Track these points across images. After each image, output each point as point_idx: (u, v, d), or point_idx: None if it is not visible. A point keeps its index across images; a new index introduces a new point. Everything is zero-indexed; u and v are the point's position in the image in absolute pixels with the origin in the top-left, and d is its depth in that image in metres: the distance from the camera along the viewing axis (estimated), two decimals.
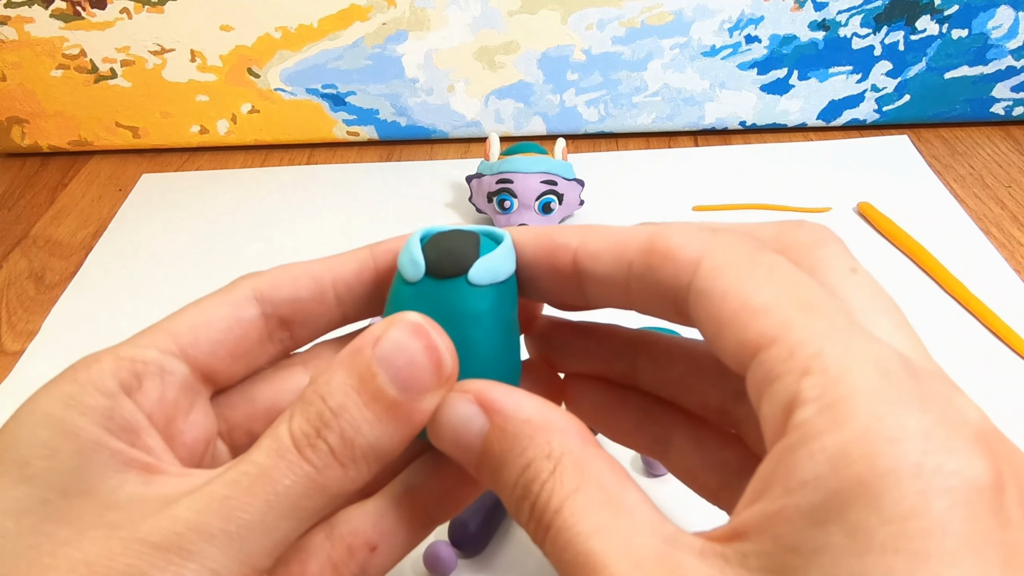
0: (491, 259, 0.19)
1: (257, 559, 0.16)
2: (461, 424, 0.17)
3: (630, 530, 0.15)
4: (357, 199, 0.50)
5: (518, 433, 0.17)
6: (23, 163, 0.57)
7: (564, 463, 0.16)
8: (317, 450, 0.16)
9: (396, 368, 0.16)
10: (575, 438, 0.16)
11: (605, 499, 0.15)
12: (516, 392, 0.17)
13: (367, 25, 0.50)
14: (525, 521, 0.16)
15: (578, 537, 0.15)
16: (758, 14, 0.49)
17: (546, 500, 0.16)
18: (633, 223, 0.19)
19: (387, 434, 0.16)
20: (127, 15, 0.50)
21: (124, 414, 0.17)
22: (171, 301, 0.43)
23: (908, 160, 0.50)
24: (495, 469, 0.17)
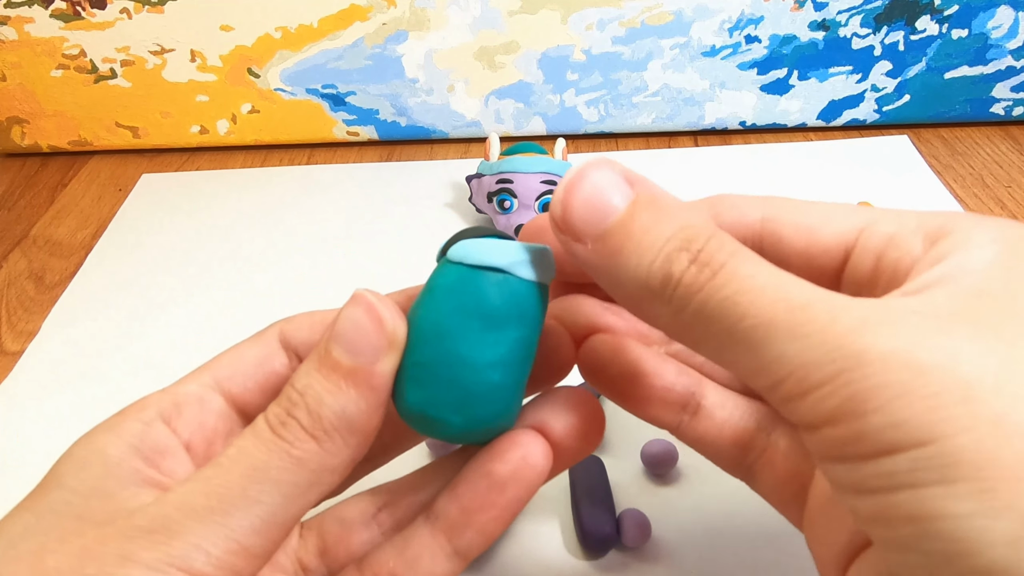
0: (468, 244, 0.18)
1: (242, 534, 0.16)
2: (603, 186, 0.17)
3: (805, 285, 0.15)
4: (357, 199, 0.50)
5: (669, 206, 0.17)
6: (23, 163, 0.57)
7: (722, 234, 0.16)
8: (288, 427, 0.17)
9: (346, 338, 0.18)
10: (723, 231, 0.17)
11: (769, 264, 0.16)
12: (655, 184, 0.18)
13: (367, 25, 0.50)
14: (681, 268, 0.15)
15: (765, 270, 0.15)
16: (758, 14, 0.49)
17: (716, 248, 0.15)
18: None
19: (351, 401, 0.17)
20: (127, 15, 0.50)
21: (156, 438, 0.18)
22: (171, 301, 0.43)
23: (908, 160, 0.50)
24: (638, 230, 0.16)
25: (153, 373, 0.39)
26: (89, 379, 0.39)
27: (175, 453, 0.19)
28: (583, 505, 0.29)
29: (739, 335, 0.15)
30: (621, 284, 0.17)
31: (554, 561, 0.29)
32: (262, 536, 0.17)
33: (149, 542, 0.16)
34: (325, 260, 0.45)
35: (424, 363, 0.18)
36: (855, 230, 0.18)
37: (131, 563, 0.15)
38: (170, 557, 0.16)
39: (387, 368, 0.18)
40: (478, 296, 0.18)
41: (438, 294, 0.18)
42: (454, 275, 0.18)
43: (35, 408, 0.38)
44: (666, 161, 0.52)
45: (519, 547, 0.30)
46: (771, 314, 0.14)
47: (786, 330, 0.14)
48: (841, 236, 0.18)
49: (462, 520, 0.19)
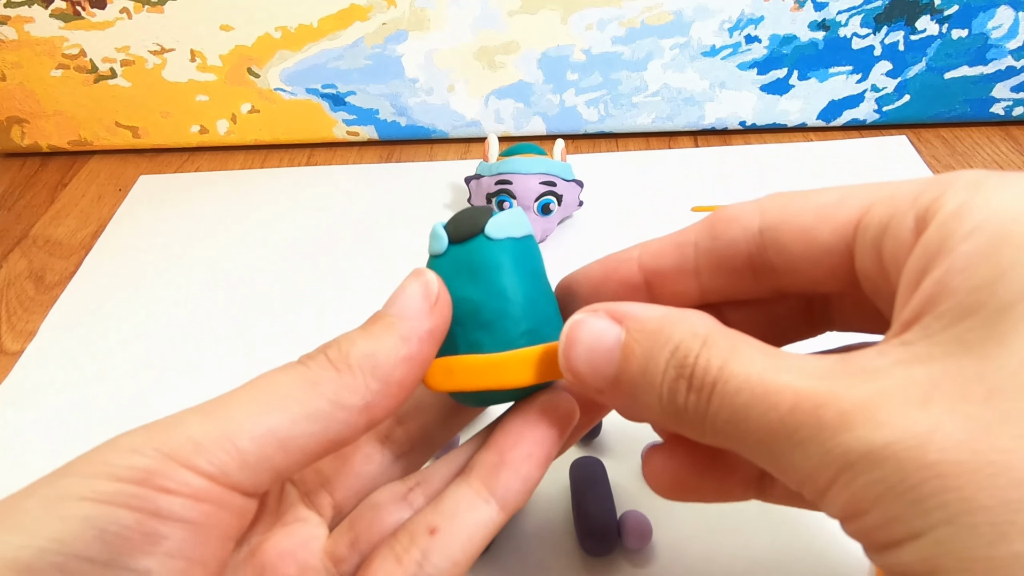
0: (501, 217, 0.20)
1: (239, 438, 0.16)
2: (596, 336, 0.18)
3: (800, 360, 0.15)
4: (357, 200, 0.50)
5: (658, 328, 0.17)
6: (23, 163, 0.57)
7: (713, 336, 0.16)
8: (315, 359, 0.18)
9: (394, 299, 0.19)
10: (714, 322, 0.17)
11: (764, 350, 0.16)
12: (640, 303, 0.18)
13: (367, 25, 0.50)
14: (683, 399, 0.16)
15: (750, 377, 0.15)
16: (758, 14, 0.49)
17: (704, 365, 0.16)
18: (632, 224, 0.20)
19: (382, 345, 0.18)
20: (127, 15, 0.50)
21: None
22: (170, 301, 0.43)
23: (908, 160, 0.50)
24: (638, 371, 0.17)
25: (153, 373, 0.39)
26: (89, 379, 0.39)
27: None
28: (583, 506, 0.29)
29: (753, 449, 0.15)
30: (649, 418, 0.18)
31: (554, 561, 0.29)
32: (259, 445, 0.16)
33: (144, 432, 0.16)
34: (324, 260, 0.45)
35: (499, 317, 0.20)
36: (852, 224, 0.17)
37: (117, 448, 0.15)
38: (161, 444, 0.15)
39: (423, 325, 0.19)
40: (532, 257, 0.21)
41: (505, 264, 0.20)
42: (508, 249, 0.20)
43: (35, 408, 0.38)
44: (666, 161, 0.52)
45: (519, 547, 0.30)
46: (766, 429, 0.15)
47: (784, 439, 0.15)
48: (839, 234, 0.17)
49: (497, 460, 0.19)
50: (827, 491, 0.14)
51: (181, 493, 0.15)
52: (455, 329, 0.20)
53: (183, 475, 0.15)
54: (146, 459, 0.15)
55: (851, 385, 0.14)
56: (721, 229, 0.19)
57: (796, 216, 0.18)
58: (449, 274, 0.20)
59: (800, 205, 0.18)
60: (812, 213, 0.18)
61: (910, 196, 0.16)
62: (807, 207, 0.18)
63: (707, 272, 0.20)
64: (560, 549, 0.30)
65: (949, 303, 0.14)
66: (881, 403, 0.14)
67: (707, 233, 0.20)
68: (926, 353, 0.14)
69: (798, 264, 0.18)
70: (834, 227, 0.17)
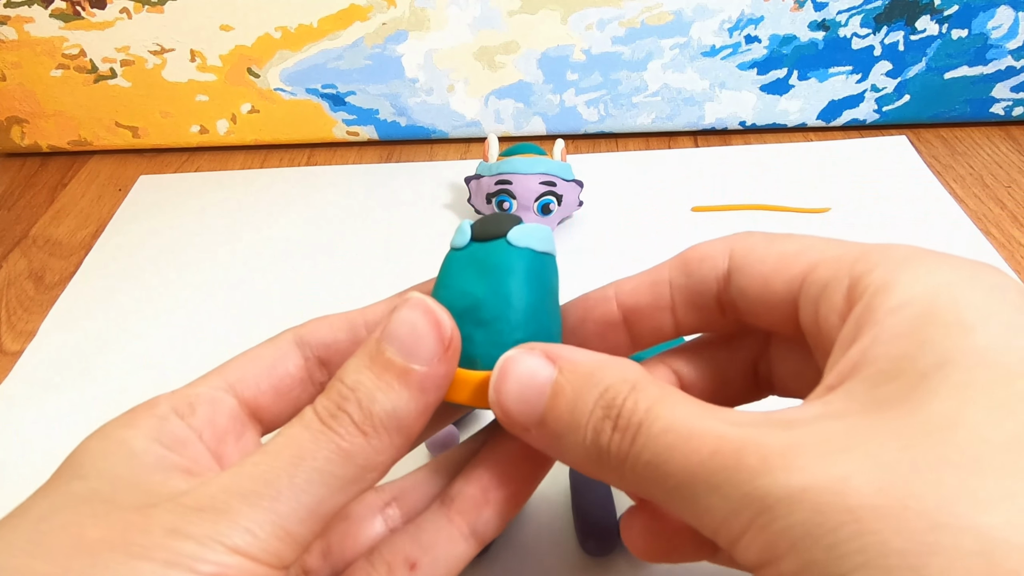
0: (527, 228, 0.21)
1: (289, 521, 0.16)
2: (528, 374, 0.18)
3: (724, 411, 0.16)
4: (356, 200, 0.50)
5: (590, 371, 0.17)
6: (23, 163, 0.57)
7: (642, 382, 0.17)
8: (339, 420, 0.17)
9: (401, 339, 0.18)
10: (644, 372, 0.17)
11: (691, 399, 0.16)
12: (575, 348, 0.18)
13: (367, 25, 0.50)
14: (607, 439, 0.16)
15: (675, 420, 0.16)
16: (758, 14, 0.49)
17: (632, 407, 0.16)
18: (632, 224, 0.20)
19: (402, 401, 0.18)
20: (127, 15, 0.50)
21: (174, 430, 0.18)
22: (170, 301, 0.43)
23: (908, 160, 0.50)
24: (566, 410, 0.17)
25: (152, 373, 0.39)
26: (89, 379, 0.39)
27: (195, 443, 0.19)
28: (583, 505, 0.29)
29: (671, 493, 0.15)
30: (572, 460, 0.18)
31: (554, 561, 0.29)
32: (305, 525, 0.17)
33: (198, 519, 0.16)
34: (324, 260, 0.45)
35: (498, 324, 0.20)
36: (800, 279, 0.18)
37: (181, 536, 0.15)
38: (219, 534, 0.16)
39: (441, 372, 0.18)
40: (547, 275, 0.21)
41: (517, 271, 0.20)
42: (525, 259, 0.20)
43: (35, 408, 0.38)
44: (666, 161, 0.52)
45: (519, 547, 0.30)
46: (687, 470, 0.15)
47: (703, 482, 0.15)
48: (789, 285, 0.18)
49: (480, 497, 0.20)
50: (742, 536, 0.14)
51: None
52: None
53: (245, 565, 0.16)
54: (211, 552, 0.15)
55: (772, 433, 0.15)
56: (693, 267, 0.20)
57: (758, 262, 0.19)
58: (462, 267, 0.20)
59: (763, 251, 0.19)
60: (772, 261, 0.19)
61: (848, 262, 0.17)
62: (769, 254, 0.19)
63: (681, 307, 0.21)
64: (560, 549, 0.30)
65: (871, 369, 0.15)
66: (800, 449, 0.14)
67: (680, 271, 0.21)
68: (845, 409, 0.15)
69: (755, 307, 0.19)
70: (787, 279, 0.18)
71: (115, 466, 0.17)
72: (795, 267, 0.18)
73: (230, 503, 0.16)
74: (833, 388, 0.15)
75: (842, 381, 0.15)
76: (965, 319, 0.14)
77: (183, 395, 0.20)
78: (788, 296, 0.18)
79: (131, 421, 0.19)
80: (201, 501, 0.16)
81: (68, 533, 0.15)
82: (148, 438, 0.18)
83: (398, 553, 0.19)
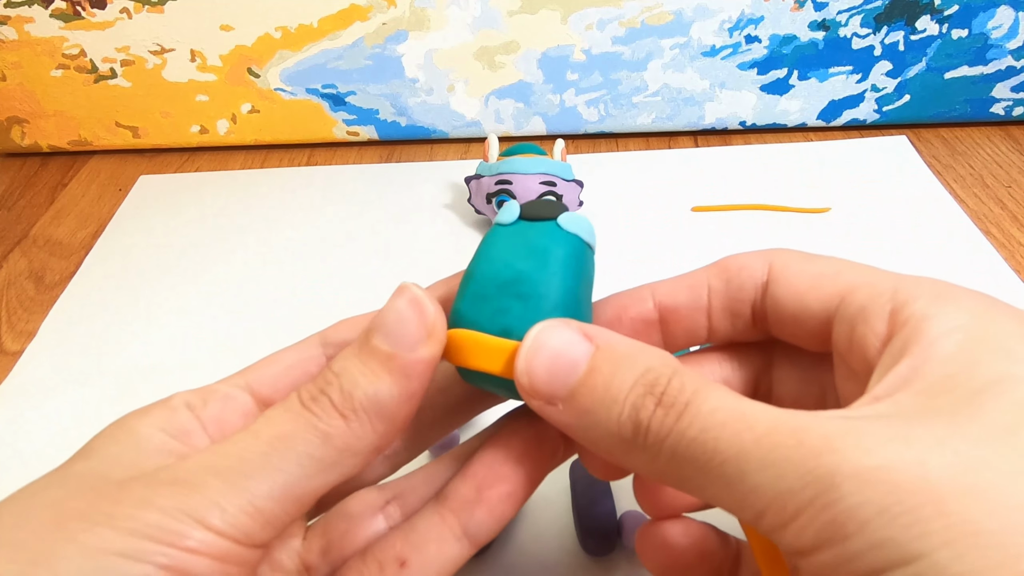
0: (576, 215, 0.21)
1: (259, 498, 0.16)
2: (564, 345, 0.18)
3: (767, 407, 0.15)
4: (357, 200, 0.50)
5: (630, 353, 0.17)
6: (23, 163, 0.57)
7: (684, 369, 0.17)
8: (319, 402, 0.18)
9: (387, 327, 0.18)
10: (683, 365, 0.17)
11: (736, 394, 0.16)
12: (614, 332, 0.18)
13: (367, 25, 0.50)
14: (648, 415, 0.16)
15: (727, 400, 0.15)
16: (758, 14, 0.49)
17: (679, 386, 0.16)
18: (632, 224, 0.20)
19: (384, 385, 0.18)
20: (127, 15, 0.50)
21: (181, 420, 0.19)
22: (170, 301, 0.43)
23: (908, 160, 0.50)
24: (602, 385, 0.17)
25: (152, 372, 0.39)
26: (89, 379, 0.39)
27: (199, 434, 0.19)
28: (583, 505, 0.29)
29: (714, 473, 0.15)
30: (598, 439, 0.17)
31: (554, 561, 0.29)
32: (278, 504, 0.17)
33: (169, 491, 0.16)
34: (324, 260, 0.45)
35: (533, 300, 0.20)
36: (837, 298, 0.18)
37: (148, 506, 0.16)
38: (187, 506, 0.16)
39: (424, 356, 0.18)
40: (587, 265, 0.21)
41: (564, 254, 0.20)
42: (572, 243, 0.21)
43: (35, 408, 0.38)
44: (666, 161, 0.52)
45: (519, 547, 0.30)
46: (739, 447, 0.15)
47: (756, 460, 0.14)
48: (825, 303, 0.19)
49: (473, 497, 0.20)
50: (798, 516, 0.14)
51: (208, 554, 0.16)
52: (488, 291, 0.20)
53: (207, 537, 0.16)
54: (175, 521, 0.16)
55: (831, 420, 0.14)
56: (733, 274, 0.21)
57: (795, 277, 0.19)
58: (509, 241, 0.20)
59: (800, 267, 0.20)
60: (809, 279, 0.19)
61: (887, 290, 0.17)
62: (806, 272, 0.19)
63: (717, 313, 0.21)
64: (560, 549, 0.30)
65: (923, 384, 0.15)
66: (865, 434, 0.14)
67: (719, 277, 0.21)
68: (897, 413, 0.14)
69: (787, 320, 0.20)
70: (822, 297, 0.19)
71: (119, 450, 0.18)
72: (831, 287, 0.19)
73: (203, 477, 0.16)
74: (880, 399, 0.15)
75: (891, 393, 0.15)
76: (1012, 348, 0.15)
77: (200, 391, 0.20)
78: (822, 313, 0.19)
79: (145, 411, 0.19)
80: (176, 475, 0.16)
81: (50, 506, 0.16)
82: (155, 426, 0.18)
83: (389, 551, 0.19)
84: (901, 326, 0.16)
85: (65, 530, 0.15)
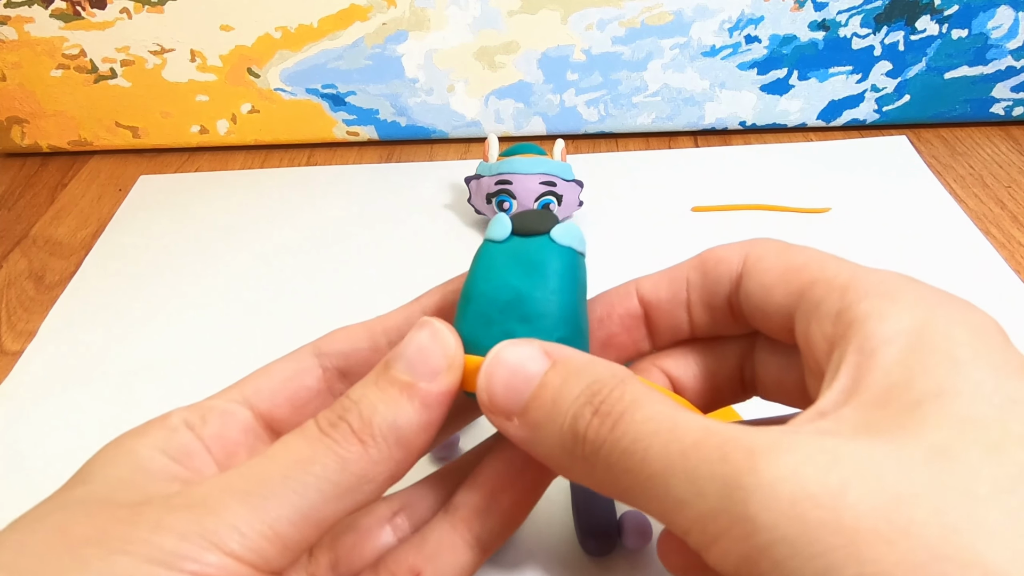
0: (568, 226, 0.21)
1: (277, 522, 0.16)
2: (521, 362, 0.18)
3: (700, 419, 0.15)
4: (357, 200, 0.50)
5: (581, 367, 0.17)
6: (23, 163, 0.57)
7: (631, 380, 0.17)
8: (338, 428, 0.18)
9: (407, 356, 0.18)
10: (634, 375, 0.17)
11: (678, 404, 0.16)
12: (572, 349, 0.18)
13: (367, 25, 0.50)
14: (584, 425, 0.16)
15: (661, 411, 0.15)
16: (758, 14, 0.49)
17: (618, 396, 0.16)
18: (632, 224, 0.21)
19: (403, 413, 0.18)
20: (127, 15, 0.50)
21: (182, 441, 0.19)
22: (170, 301, 0.43)
23: (908, 160, 0.50)
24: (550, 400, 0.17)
25: (152, 372, 0.39)
26: (89, 379, 0.39)
27: (201, 455, 0.19)
28: (583, 506, 0.29)
29: (644, 484, 0.15)
30: (548, 452, 0.17)
31: (554, 562, 0.29)
32: (296, 528, 0.17)
33: (185, 515, 0.16)
34: (324, 260, 0.45)
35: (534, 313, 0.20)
36: (797, 294, 0.18)
37: (164, 531, 0.15)
38: (204, 530, 0.15)
39: (443, 388, 0.18)
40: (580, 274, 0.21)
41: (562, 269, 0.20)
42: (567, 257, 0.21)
43: (35, 408, 0.38)
44: (666, 161, 0.52)
45: (519, 548, 0.30)
46: (667, 459, 0.14)
47: (681, 473, 0.14)
48: (787, 299, 0.19)
49: (483, 506, 0.20)
50: (718, 540, 0.13)
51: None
52: (490, 314, 0.20)
53: (226, 562, 0.16)
54: (192, 546, 0.15)
55: (761, 433, 0.14)
56: (710, 267, 0.21)
57: (765, 272, 0.19)
58: (503, 260, 0.20)
59: (773, 260, 0.19)
60: (778, 272, 0.19)
61: (839, 287, 0.17)
62: (776, 264, 0.19)
63: (696, 306, 0.21)
64: (560, 549, 0.30)
65: (864, 397, 0.15)
66: (791, 451, 0.13)
67: (698, 270, 0.21)
68: (836, 430, 0.14)
69: (755, 313, 0.20)
70: (786, 292, 0.19)
71: (118, 472, 0.17)
72: (796, 281, 0.18)
73: (221, 500, 0.16)
74: (825, 415, 0.15)
75: (835, 409, 0.15)
76: (956, 355, 0.14)
77: (197, 408, 0.20)
78: (785, 308, 0.19)
79: (142, 432, 0.19)
80: (191, 499, 0.16)
81: (56, 532, 0.16)
82: (155, 448, 0.18)
83: (402, 563, 0.19)
84: (845, 328, 0.16)
85: (78, 557, 0.15)
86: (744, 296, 0.20)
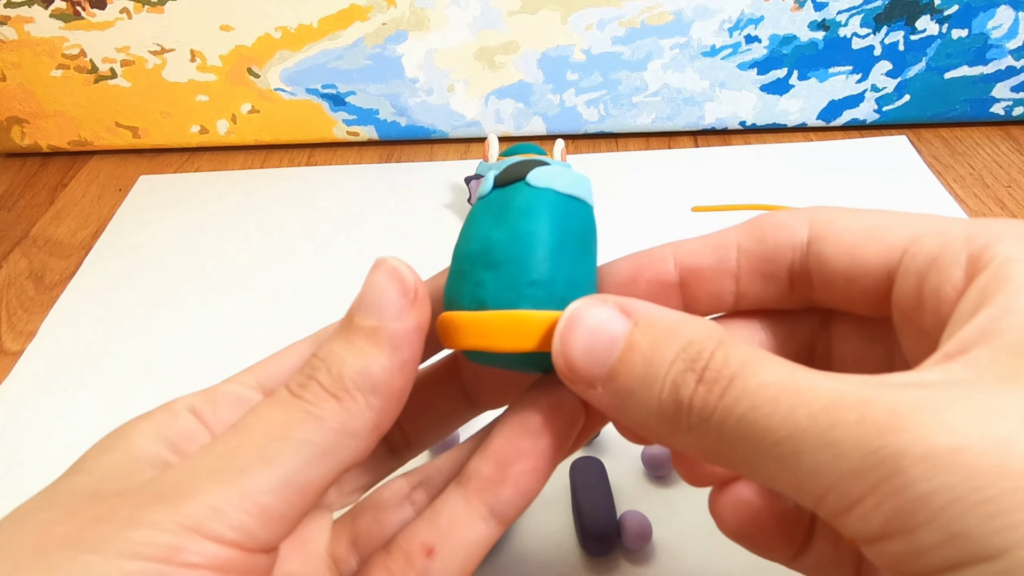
0: (551, 169, 0.20)
1: (258, 494, 0.15)
2: (600, 323, 0.17)
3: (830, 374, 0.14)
4: (357, 200, 0.50)
5: (670, 326, 0.16)
6: (23, 163, 0.57)
7: (729, 339, 0.15)
8: (308, 388, 0.17)
9: (367, 301, 0.18)
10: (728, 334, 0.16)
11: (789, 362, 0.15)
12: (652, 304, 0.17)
13: (367, 25, 0.50)
14: (688, 393, 0.15)
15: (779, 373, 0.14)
16: (758, 14, 0.49)
17: (723, 359, 0.15)
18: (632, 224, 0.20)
19: (373, 359, 0.17)
20: (127, 15, 0.50)
21: (184, 426, 0.18)
22: (170, 301, 0.43)
23: (908, 160, 0.50)
24: (641, 363, 0.16)
25: (152, 372, 0.39)
26: (89, 379, 0.39)
27: (201, 440, 0.18)
28: (583, 506, 0.29)
29: (766, 453, 0.14)
30: (642, 421, 0.16)
31: (554, 561, 0.29)
32: (280, 497, 0.16)
33: (160, 504, 0.15)
34: (324, 260, 0.45)
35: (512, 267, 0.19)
36: (899, 250, 0.17)
37: (138, 524, 0.14)
38: (181, 516, 0.15)
39: (409, 325, 0.18)
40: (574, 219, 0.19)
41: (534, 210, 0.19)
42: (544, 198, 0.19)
43: (35, 408, 0.38)
44: (666, 161, 0.52)
45: (519, 548, 0.30)
46: (793, 425, 0.13)
47: (814, 439, 0.13)
48: (884, 256, 0.17)
49: (497, 476, 0.18)
50: (860, 502, 0.12)
51: (207, 566, 0.15)
52: (465, 267, 0.19)
53: (207, 547, 0.15)
54: (168, 535, 0.14)
55: (899, 391, 0.13)
56: (768, 233, 0.19)
57: (845, 232, 0.18)
58: (482, 215, 0.20)
59: (849, 222, 0.18)
60: (861, 232, 0.18)
61: (962, 235, 0.16)
62: (856, 225, 0.18)
63: (747, 276, 0.20)
64: (560, 549, 0.30)
65: (1003, 340, 0.13)
66: (938, 408, 0.12)
67: (752, 236, 0.19)
68: (977, 377, 0.13)
69: (836, 280, 0.18)
70: (880, 249, 0.17)
71: (111, 460, 0.17)
72: (890, 238, 0.17)
73: (194, 482, 0.15)
74: (953, 357, 0.14)
75: (965, 350, 0.14)
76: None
77: (210, 392, 0.19)
78: (880, 268, 0.17)
79: (145, 418, 0.18)
80: (165, 486, 0.15)
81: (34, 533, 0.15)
82: (153, 434, 0.17)
83: (414, 540, 0.18)
84: (981, 272, 0.15)
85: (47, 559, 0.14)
86: (819, 263, 0.18)
